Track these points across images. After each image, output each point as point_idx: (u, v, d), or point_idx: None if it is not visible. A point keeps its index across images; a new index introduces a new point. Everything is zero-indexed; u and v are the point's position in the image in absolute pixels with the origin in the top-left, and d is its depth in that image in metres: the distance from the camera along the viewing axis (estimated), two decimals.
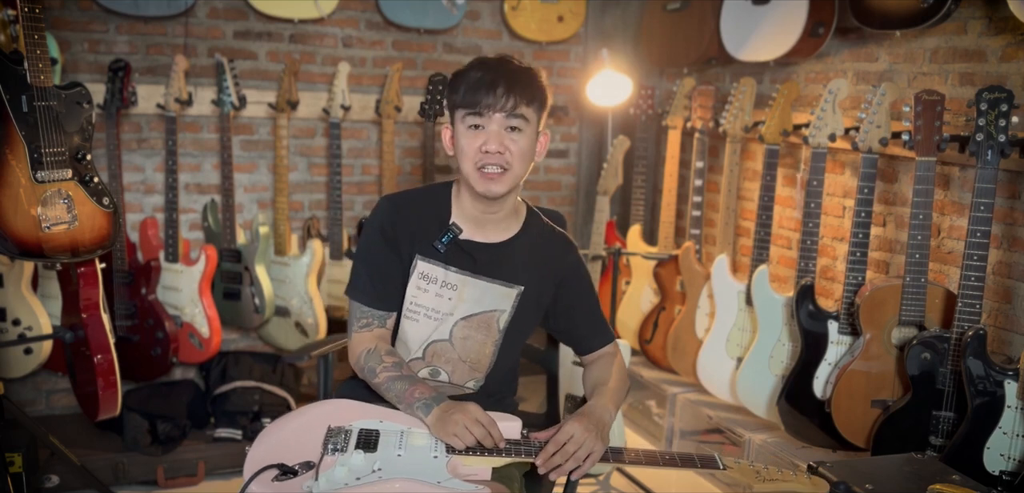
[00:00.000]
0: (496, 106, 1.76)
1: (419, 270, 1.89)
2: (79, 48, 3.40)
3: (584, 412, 1.78)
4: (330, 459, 1.66)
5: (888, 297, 2.71)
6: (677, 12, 3.68)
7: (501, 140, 1.77)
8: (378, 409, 1.83)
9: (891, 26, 2.81)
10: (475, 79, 1.78)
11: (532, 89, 1.80)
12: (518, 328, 1.94)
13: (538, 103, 1.82)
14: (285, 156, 3.57)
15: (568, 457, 1.68)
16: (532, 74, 1.82)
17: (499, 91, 1.76)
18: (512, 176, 1.80)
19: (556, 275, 1.95)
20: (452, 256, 1.88)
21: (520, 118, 1.78)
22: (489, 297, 1.90)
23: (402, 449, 1.71)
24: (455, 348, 1.91)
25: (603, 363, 1.99)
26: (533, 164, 1.88)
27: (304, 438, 1.73)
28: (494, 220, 1.89)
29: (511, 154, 1.78)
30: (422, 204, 1.92)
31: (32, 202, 2.35)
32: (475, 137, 1.79)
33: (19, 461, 2.73)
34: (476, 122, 1.79)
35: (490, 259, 1.89)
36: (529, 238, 1.94)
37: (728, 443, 3.27)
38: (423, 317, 1.89)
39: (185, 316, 3.42)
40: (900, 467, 2.27)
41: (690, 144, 3.73)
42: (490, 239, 1.90)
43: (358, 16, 3.77)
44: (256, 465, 1.66)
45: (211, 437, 3.34)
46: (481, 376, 1.94)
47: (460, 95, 1.79)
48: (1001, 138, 2.41)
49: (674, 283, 3.64)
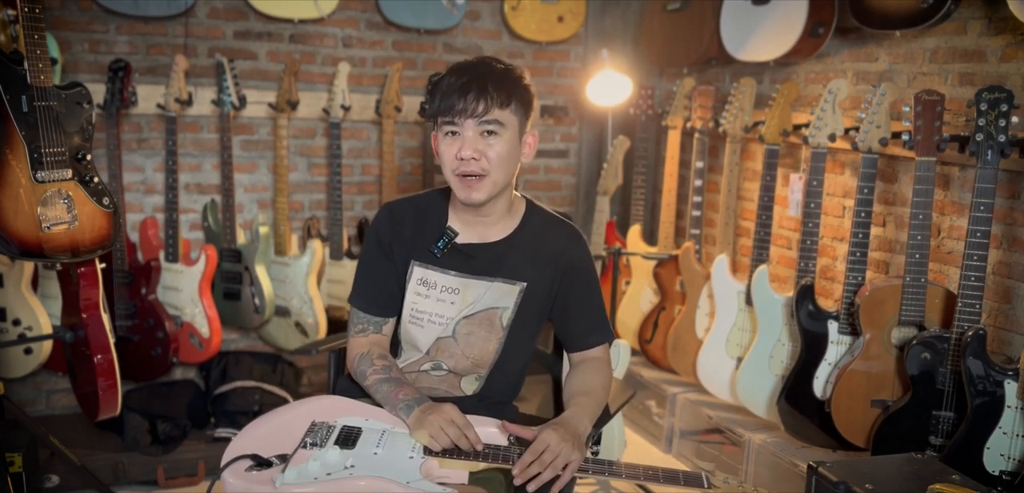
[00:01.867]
0: (468, 111, 1.74)
1: (417, 276, 1.89)
2: (79, 48, 3.40)
3: (560, 421, 1.76)
4: (304, 453, 1.66)
5: (888, 297, 2.71)
6: (677, 12, 3.68)
7: (476, 146, 1.75)
8: (368, 407, 1.83)
9: (891, 26, 2.81)
10: (448, 85, 1.77)
11: (508, 91, 1.76)
12: (522, 325, 1.92)
13: (518, 104, 1.79)
14: (285, 156, 3.57)
15: (545, 466, 1.66)
16: (510, 76, 1.79)
17: (471, 96, 1.74)
18: (491, 182, 1.78)
19: (559, 264, 1.92)
20: (451, 260, 1.88)
21: (494, 123, 1.75)
22: (491, 295, 1.89)
23: (380, 447, 1.71)
24: (459, 344, 1.90)
25: (587, 369, 1.96)
26: (519, 166, 1.86)
27: (288, 432, 1.74)
28: (489, 221, 1.88)
29: (488, 160, 1.76)
30: (419, 210, 1.92)
31: (32, 202, 2.35)
32: (452, 144, 1.78)
33: (19, 461, 2.73)
34: (451, 129, 1.78)
35: (490, 258, 1.89)
36: (529, 233, 1.92)
37: (728, 443, 3.27)
38: (428, 322, 1.89)
39: (185, 316, 3.42)
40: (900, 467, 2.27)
41: (690, 144, 3.73)
42: (488, 238, 1.89)
43: (358, 16, 3.77)
44: (236, 453, 1.66)
45: (211, 437, 3.34)
46: (483, 373, 1.94)
47: (436, 102, 1.79)
48: (1001, 138, 2.41)
49: (674, 283, 3.64)
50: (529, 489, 1.69)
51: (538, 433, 1.71)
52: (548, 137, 4.23)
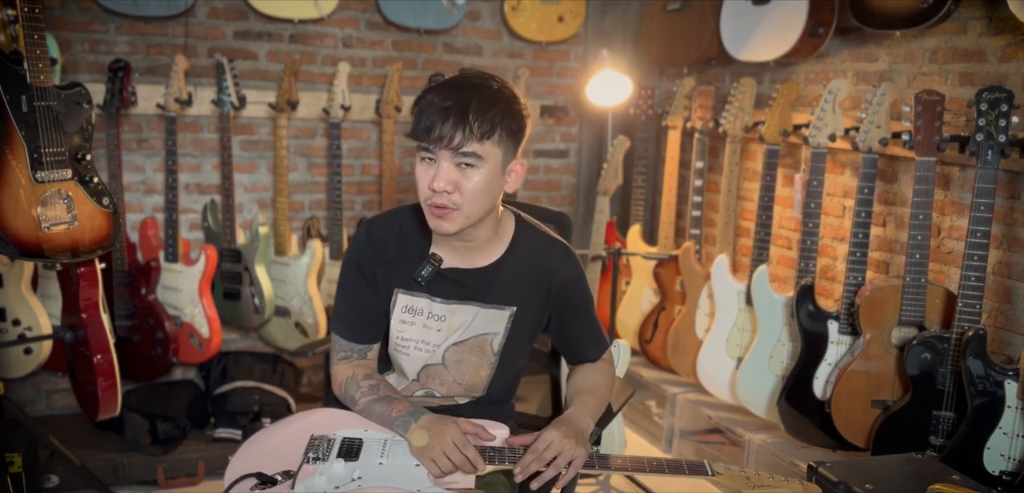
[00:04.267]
0: (444, 141, 1.60)
1: (401, 304, 1.81)
2: (79, 48, 3.40)
3: (562, 420, 1.74)
4: (309, 468, 1.65)
5: (888, 297, 2.71)
6: (677, 12, 3.68)
7: (450, 177, 1.62)
8: (364, 418, 1.81)
9: (891, 26, 2.81)
10: (429, 104, 1.62)
11: (492, 122, 1.61)
12: (514, 347, 1.86)
13: (503, 134, 1.64)
14: (285, 156, 3.57)
15: (546, 464, 1.65)
16: (499, 101, 1.63)
17: (449, 124, 1.59)
18: (463, 216, 1.65)
19: (551, 287, 1.84)
20: (436, 286, 1.79)
21: (472, 156, 1.61)
22: (480, 322, 1.81)
23: (384, 457, 1.70)
24: (449, 371, 1.84)
25: (589, 368, 1.94)
26: (501, 195, 1.74)
27: (288, 447, 1.72)
28: (474, 245, 1.77)
29: (462, 194, 1.63)
30: (401, 232, 1.81)
31: (32, 202, 2.35)
32: (427, 170, 1.65)
33: (19, 461, 2.73)
34: (428, 155, 1.65)
35: (478, 284, 1.79)
36: (518, 255, 1.82)
37: (728, 443, 3.27)
38: (413, 350, 1.83)
39: (185, 316, 3.42)
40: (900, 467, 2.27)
41: (690, 144, 3.73)
42: (475, 264, 1.79)
43: (358, 16, 3.77)
44: (237, 474, 1.65)
45: (211, 437, 3.34)
46: (478, 394, 1.90)
47: (414, 123, 1.65)
48: (1001, 138, 2.41)
49: (674, 283, 3.64)
50: (532, 487, 1.69)
51: (541, 432, 1.70)
52: (548, 137, 4.23)
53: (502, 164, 1.68)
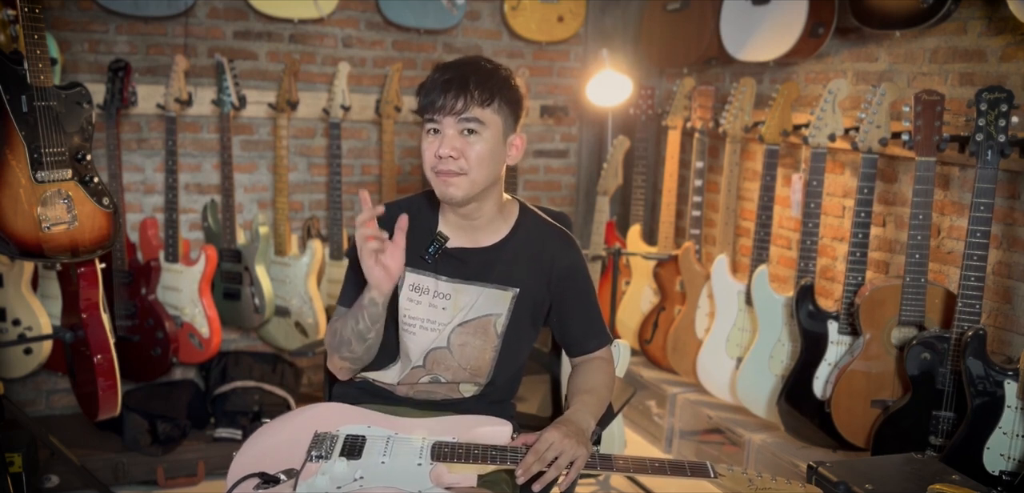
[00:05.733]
0: (447, 108, 1.71)
1: (409, 282, 1.86)
2: (79, 48, 3.40)
3: (563, 420, 1.75)
4: (312, 466, 1.65)
5: (888, 297, 2.71)
6: (677, 12, 3.68)
7: (455, 144, 1.71)
8: (368, 413, 1.81)
9: (891, 26, 2.81)
10: (432, 82, 1.74)
11: (491, 90, 1.73)
12: (517, 332, 1.90)
13: (502, 104, 1.75)
14: (285, 156, 3.57)
15: (547, 464, 1.66)
16: (494, 75, 1.75)
17: (451, 94, 1.70)
18: (470, 181, 1.74)
19: (552, 272, 1.89)
20: (442, 265, 1.84)
21: (474, 121, 1.72)
22: (484, 302, 1.86)
23: (387, 456, 1.70)
24: (454, 355, 1.87)
25: (590, 367, 1.95)
26: (504, 167, 1.82)
27: (291, 444, 1.72)
28: (478, 224, 1.84)
29: (467, 160, 1.72)
30: (412, 213, 1.86)
31: (32, 202, 2.35)
32: (433, 142, 1.74)
33: (19, 461, 2.73)
34: (433, 127, 1.74)
35: (482, 263, 1.85)
36: (522, 238, 1.88)
37: (728, 443, 3.27)
38: (420, 329, 1.86)
39: (185, 316, 3.42)
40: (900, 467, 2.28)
41: (690, 144, 3.73)
42: (480, 243, 1.86)
43: (358, 16, 3.77)
44: (240, 472, 1.65)
45: (211, 437, 3.34)
46: (482, 380, 1.92)
47: (420, 101, 1.76)
48: (1001, 138, 2.41)
49: (674, 283, 3.64)
50: (534, 488, 1.69)
51: (542, 433, 1.70)
52: (548, 137, 4.23)
53: (503, 133, 1.77)
